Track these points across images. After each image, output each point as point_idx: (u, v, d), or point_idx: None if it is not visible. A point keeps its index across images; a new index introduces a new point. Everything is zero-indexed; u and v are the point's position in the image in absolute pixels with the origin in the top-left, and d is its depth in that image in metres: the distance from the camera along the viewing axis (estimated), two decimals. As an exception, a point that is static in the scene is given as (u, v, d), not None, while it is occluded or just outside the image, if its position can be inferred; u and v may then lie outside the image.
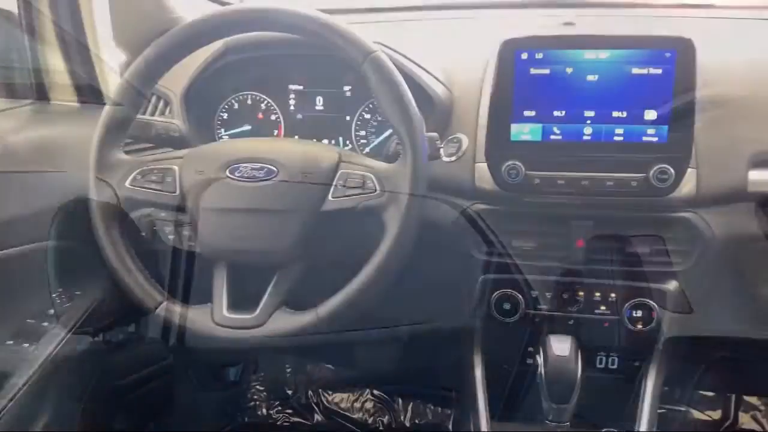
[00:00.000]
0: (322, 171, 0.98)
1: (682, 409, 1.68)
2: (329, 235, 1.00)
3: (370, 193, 0.96)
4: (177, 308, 1.00)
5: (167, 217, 1.08)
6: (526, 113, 1.06)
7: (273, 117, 1.27)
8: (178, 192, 1.00)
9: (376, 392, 1.82)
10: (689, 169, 1.03)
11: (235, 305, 1.00)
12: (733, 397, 1.67)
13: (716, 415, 1.66)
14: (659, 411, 1.67)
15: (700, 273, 1.10)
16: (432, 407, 1.77)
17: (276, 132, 1.27)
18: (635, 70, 1.01)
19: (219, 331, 0.98)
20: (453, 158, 1.11)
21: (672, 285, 1.11)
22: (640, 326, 1.12)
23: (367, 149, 1.25)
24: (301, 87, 1.26)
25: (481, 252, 1.14)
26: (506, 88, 1.05)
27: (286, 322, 0.97)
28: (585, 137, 1.04)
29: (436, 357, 1.77)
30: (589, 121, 1.04)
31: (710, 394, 1.70)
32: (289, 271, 0.99)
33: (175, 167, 1.01)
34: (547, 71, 1.04)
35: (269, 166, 0.98)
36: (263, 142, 1.12)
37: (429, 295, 1.34)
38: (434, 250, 1.15)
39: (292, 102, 1.26)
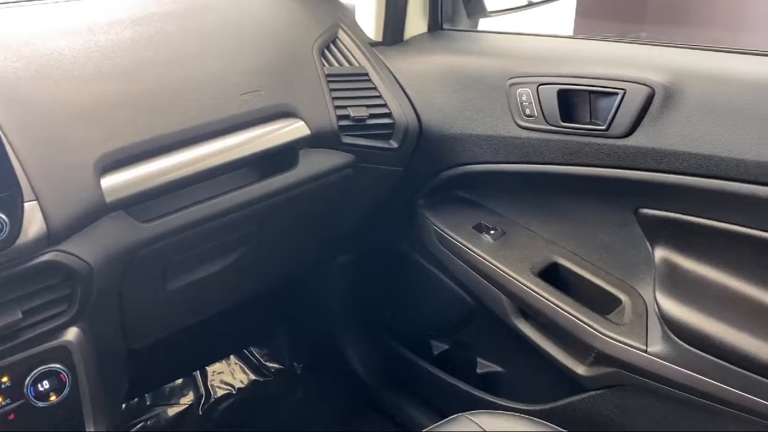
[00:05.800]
0: None
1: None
2: None
3: None
4: None
5: None
6: None
7: None
8: None
9: None
10: (27, 204, 0.82)
11: None
12: (199, 375, 1.66)
13: (189, 399, 1.63)
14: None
15: (95, 304, 0.94)
16: None
17: None
18: None
19: None
20: None
21: (72, 334, 0.92)
22: (54, 398, 0.91)
23: None
24: None
25: None
26: None
27: None
28: None
29: None
30: None
31: (178, 382, 1.65)
32: None
33: None
34: None
35: None
36: None
37: None
38: None
39: None
